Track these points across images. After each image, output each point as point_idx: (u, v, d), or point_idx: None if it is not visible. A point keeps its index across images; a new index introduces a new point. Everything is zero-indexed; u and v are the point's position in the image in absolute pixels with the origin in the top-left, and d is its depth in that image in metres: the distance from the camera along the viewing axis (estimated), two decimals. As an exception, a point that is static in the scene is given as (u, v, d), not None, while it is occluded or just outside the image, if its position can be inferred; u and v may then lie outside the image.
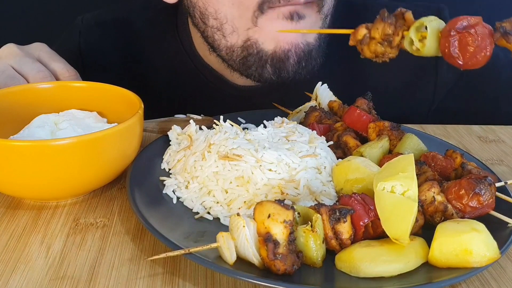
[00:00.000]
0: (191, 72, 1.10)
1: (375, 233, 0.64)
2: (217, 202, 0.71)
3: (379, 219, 0.62)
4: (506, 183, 0.70)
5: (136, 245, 0.67)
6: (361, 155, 0.77)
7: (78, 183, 0.73)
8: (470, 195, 0.65)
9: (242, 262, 0.60)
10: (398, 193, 0.62)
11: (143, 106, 0.78)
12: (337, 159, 0.79)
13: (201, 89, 1.11)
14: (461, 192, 0.66)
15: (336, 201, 0.67)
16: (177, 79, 1.12)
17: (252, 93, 1.08)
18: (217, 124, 0.81)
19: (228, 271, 0.58)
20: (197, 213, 0.71)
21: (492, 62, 0.69)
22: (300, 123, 0.88)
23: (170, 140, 0.84)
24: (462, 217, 0.66)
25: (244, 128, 0.84)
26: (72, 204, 0.75)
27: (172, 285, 0.61)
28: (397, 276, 0.60)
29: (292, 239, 0.59)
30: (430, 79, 1.13)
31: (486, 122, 1.07)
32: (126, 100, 0.81)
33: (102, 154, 0.71)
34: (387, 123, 0.82)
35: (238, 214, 0.60)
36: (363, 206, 0.64)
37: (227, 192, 0.71)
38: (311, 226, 0.61)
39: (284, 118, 0.87)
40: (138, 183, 0.73)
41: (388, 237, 0.61)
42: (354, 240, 0.63)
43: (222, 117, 0.83)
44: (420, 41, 0.72)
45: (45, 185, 0.71)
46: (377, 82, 1.08)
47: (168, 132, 0.85)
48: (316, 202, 0.70)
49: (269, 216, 0.58)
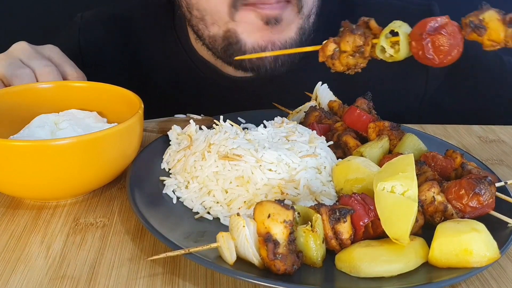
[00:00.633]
0: (188, 67, 1.11)
1: (375, 233, 0.64)
2: (217, 202, 0.71)
3: (379, 219, 0.62)
4: (506, 183, 0.70)
5: (136, 245, 0.67)
6: (361, 155, 0.77)
7: (78, 183, 0.73)
8: (470, 195, 0.65)
9: (242, 262, 0.60)
10: (398, 193, 0.62)
11: (143, 106, 0.78)
12: (337, 159, 0.79)
13: (198, 82, 1.12)
14: (461, 192, 0.66)
15: (336, 201, 0.67)
16: (175, 74, 1.13)
17: (247, 84, 1.09)
18: (217, 124, 0.81)
19: (228, 271, 0.58)
20: (197, 213, 0.71)
21: (501, 67, 0.70)
22: (300, 123, 0.88)
23: (170, 140, 0.84)
24: (462, 217, 0.66)
25: (244, 128, 0.83)
26: (72, 204, 0.75)
27: (172, 285, 0.61)
28: (397, 276, 0.60)
29: (292, 239, 0.59)
30: (422, 70, 1.13)
31: (486, 122, 1.07)
32: (126, 100, 0.81)
33: (102, 154, 0.71)
34: (387, 123, 0.82)
35: (238, 214, 0.60)
36: (363, 206, 0.64)
37: (227, 192, 0.71)
38: (311, 226, 0.61)
39: (284, 118, 0.87)
40: (138, 183, 0.73)
41: (388, 237, 0.61)
42: (354, 240, 0.63)
43: (222, 117, 0.83)
44: (392, 47, 0.73)
45: (45, 185, 0.71)
46: (368, 76, 1.09)
47: (168, 132, 0.85)
48: (316, 202, 0.70)
49: (269, 216, 0.58)
